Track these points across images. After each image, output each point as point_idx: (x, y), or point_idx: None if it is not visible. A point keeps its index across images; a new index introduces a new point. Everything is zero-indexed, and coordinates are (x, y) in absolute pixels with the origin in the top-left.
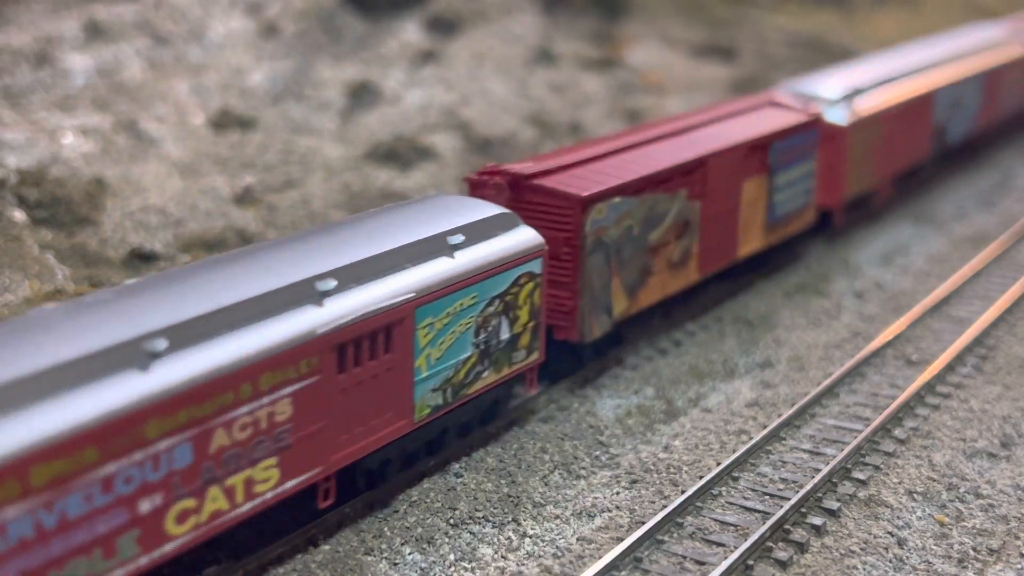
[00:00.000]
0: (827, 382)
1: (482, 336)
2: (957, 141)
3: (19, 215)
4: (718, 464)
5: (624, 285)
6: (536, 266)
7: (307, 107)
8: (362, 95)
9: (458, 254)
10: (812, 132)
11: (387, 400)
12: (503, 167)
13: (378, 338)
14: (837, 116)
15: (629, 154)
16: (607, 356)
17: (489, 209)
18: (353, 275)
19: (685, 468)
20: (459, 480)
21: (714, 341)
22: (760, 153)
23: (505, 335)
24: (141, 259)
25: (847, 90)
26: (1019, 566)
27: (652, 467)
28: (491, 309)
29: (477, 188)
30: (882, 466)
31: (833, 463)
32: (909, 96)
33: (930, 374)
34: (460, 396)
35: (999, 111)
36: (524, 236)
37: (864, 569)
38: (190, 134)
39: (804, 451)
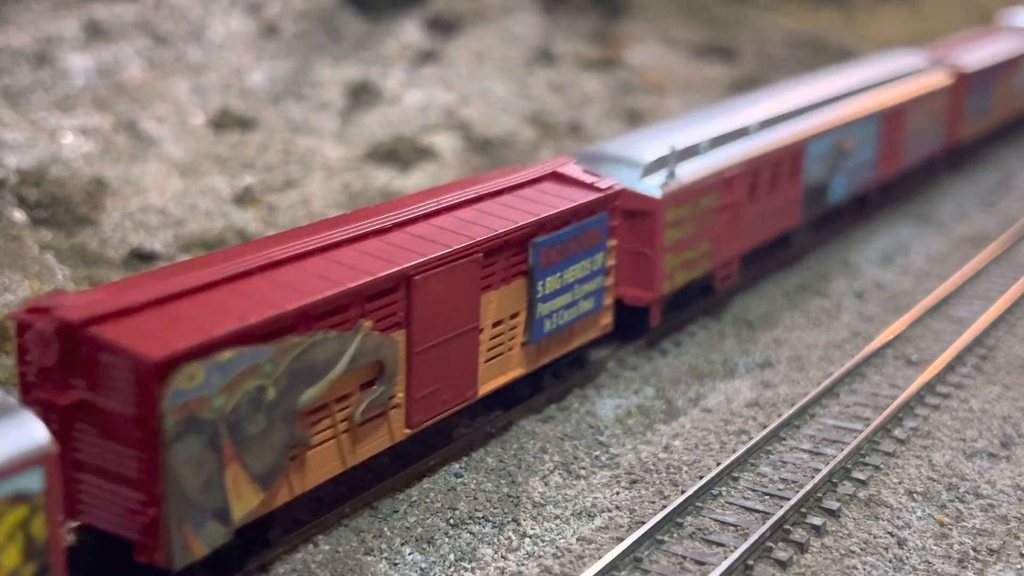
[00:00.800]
0: (827, 382)
1: None
2: (844, 199)
3: (19, 215)
4: (718, 464)
5: (253, 472)
6: (33, 481)
7: (307, 107)
8: (362, 95)
9: None
10: (601, 214)
11: None
12: (54, 301)
13: None
14: (648, 187)
15: (277, 273)
16: (255, 558)
17: None
18: None
19: (685, 468)
20: (459, 480)
21: (714, 341)
22: (513, 253)
23: None
24: (141, 259)
25: (668, 151)
26: (1019, 566)
27: (652, 467)
28: None
29: (25, 333)
30: (882, 466)
31: (833, 463)
32: (764, 151)
33: (930, 374)
34: None
35: (905, 157)
36: (9, 438)
37: (864, 569)
38: (190, 134)
39: (804, 451)
